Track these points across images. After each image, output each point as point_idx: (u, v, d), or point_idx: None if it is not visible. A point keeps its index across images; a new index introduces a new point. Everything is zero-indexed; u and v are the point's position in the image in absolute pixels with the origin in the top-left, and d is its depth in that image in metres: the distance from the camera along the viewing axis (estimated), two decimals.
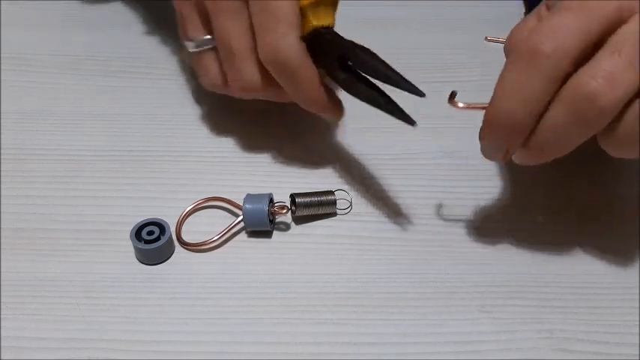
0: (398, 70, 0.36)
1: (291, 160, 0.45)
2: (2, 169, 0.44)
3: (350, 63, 0.38)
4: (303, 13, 0.39)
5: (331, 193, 0.41)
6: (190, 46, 0.42)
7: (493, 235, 0.40)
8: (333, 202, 0.41)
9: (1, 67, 0.52)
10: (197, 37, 0.42)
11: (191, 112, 0.48)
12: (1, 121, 0.47)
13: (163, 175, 0.44)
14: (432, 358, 0.35)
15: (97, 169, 0.44)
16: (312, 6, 0.39)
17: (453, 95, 0.34)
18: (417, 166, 0.44)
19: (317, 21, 0.39)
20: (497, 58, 0.35)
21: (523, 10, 0.55)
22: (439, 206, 0.42)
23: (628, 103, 0.31)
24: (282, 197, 0.41)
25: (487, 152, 0.35)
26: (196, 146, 0.46)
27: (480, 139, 0.35)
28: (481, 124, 0.34)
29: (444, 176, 0.43)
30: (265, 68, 0.40)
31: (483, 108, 0.34)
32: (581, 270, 0.39)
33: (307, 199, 0.40)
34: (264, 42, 0.39)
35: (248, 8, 0.39)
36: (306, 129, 0.45)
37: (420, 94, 0.34)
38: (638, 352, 0.35)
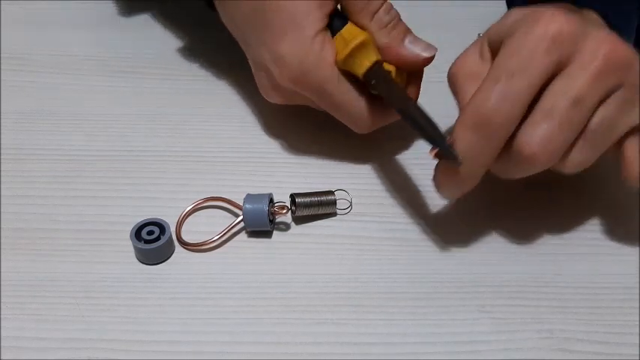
0: None
1: (291, 160, 0.45)
2: (2, 169, 0.44)
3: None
4: (345, 69, 0.40)
5: (331, 193, 0.41)
6: None
7: (493, 235, 0.40)
8: (333, 202, 0.41)
9: (1, 67, 0.52)
10: None
11: (191, 112, 0.48)
12: (1, 121, 0.47)
13: (163, 175, 0.44)
14: (431, 358, 0.35)
15: (97, 169, 0.44)
16: (346, 62, 0.39)
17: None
18: (417, 166, 0.44)
19: (360, 69, 0.39)
20: None
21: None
22: (439, 206, 0.42)
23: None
24: (282, 197, 0.41)
25: (449, 195, 0.39)
26: (196, 146, 0.46)
27: (439, 185, 0.38)
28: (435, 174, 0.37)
29: None
30: None
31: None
32: (581, 270, 0.39)
33: (307, 199, 0.40)
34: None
35: None
36: (306, 129, 0.45)
37: (456, 161, 0.35)
38: (638, 352, 0.35)
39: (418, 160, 0.44)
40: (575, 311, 0.36)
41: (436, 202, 0.42)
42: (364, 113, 0.41)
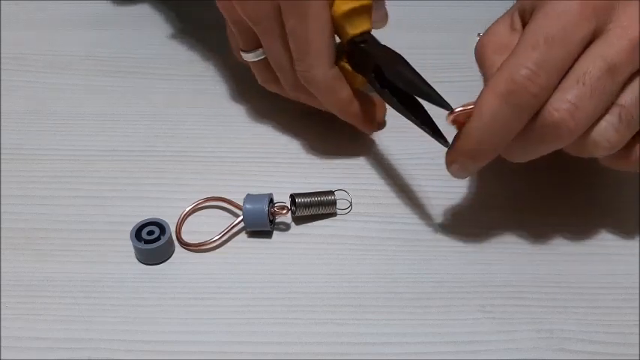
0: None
1: (291, 160, 0.45)
2: (2, 169, 0.44)
3: (385, 75, 0.38)
4: (338, 23, 0.40)
5: (331, 193, 0.41)
6: (244, 57, 0.44)
7: (493, 235, 0.40)
8: (333, 202, 0.41)
9: (1, 67, 0.52)
10: (249, 50, 0.44)
11: (191, 112, 0.48)
12: (1, 121, 0.47)
13: (163, 175, 0.44)
14: (432, 358, 0.35)
15: (97, 169, 0.44)
16: (345, 16, 0.40)
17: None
18: (418, 166, 0.44)
19: (352, 30, 0.40)
20: None
21: None
22: (439, 206, 0.42)
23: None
24: (282, 197, 0.41)
25: (461, 170, 0.37)
26: (196, 146, 0.46)
27: (452, 162, 0.37)
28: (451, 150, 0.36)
29: (444, 176, 0.43)
30: None
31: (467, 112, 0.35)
32: (581, 270, 0.39)
33: (307, 199, 0.40)
34: (297, 69, 0.41)
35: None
36: (306, 129, 0.45)
37: (448, 108, 0.35)
38: (638, 352, 0.35)
39: (418, 161, 0.44)
40: (575, 311, 0.36)
41: (436, 202, 0.42)
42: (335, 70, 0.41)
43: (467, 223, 0.41)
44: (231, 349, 0.35)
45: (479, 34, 0.42)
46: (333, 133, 0.45)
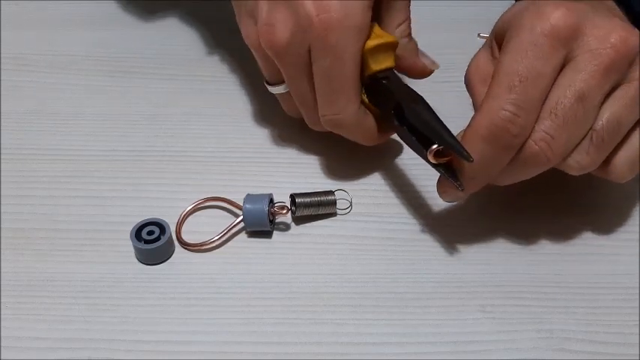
0: None
1: (291, 160, 0.45)
2: (2, 169, 0.44)
3: (405, 114, 0.38)
4: (363, 57, 0.39)
5: (331, 193, 0.41)
6: (269, 88, 0.44)
7: (493, 235, 0.40)
8: (333, 202, 0.41)
9: (1, 67, 0.52)
10: (274, 84, 0.43)
11: (191, 112, 0.48)
12: (1, 121, 0.47)
13: (163, 175, 0.44)
14: (432, 358, 0.35)
15: (97, 169, 0.44)
16: (371, 52, 0.39)
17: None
18: (417, 166, 0.44)
19: (376, 65, 0.39)
20: None
21: None
22: (439, 206, 0.42)
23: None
24: (282, 197, 0.41)
25: (452, 199, 0.40)
26: (196, 146, 0.46)
27: (443, 192, 0.38)
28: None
29: None
30: None
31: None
32: (581, 270, 0.39)
33: (307, 199, 0.40)
34: (323, 113, 0.40)
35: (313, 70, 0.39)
36: (306, 129, 0.45)
37: (467, 158, 0.35)
38: (638, 352, 0.35)
39: (418, 161, 0.44)
40: (575, 311, 0.36)
41: (436, 202, 0.42)
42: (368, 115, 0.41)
43: (467, 223, 0.41)
44: (231, 349, 0.35)
45: (479, 35, 0.42)
46: (333, 133, 0.45)
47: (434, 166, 0.37)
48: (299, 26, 0.38)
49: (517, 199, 0.42)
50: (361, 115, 0.40)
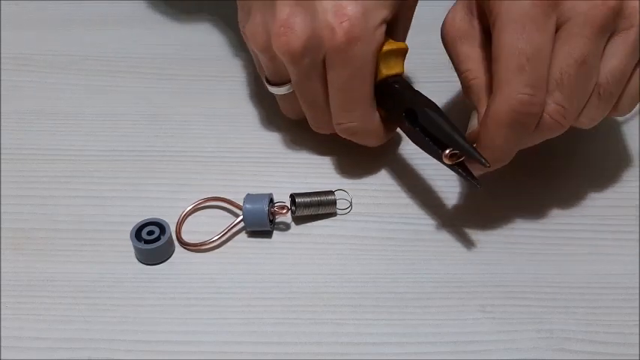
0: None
1: (291, 160, 0.45)
2: (2, 169, 0.44)
3: (418, 119, 0.38)
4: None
5: (331, 193, 0.41)
6: (270, 89, 0.43)
7: (493, 235, 0.40)
8: (333, 202, 0.41)
9: (1, 67, 0.52)
10: (277, 84, 0.42)
11: (191, 112, 0.48)
12: (1, 121, 0.47)
13: (163, 175, 0.44)
14: (432, 358, 0.35)
15: (97, 169, 0.44)
16: (383, 57, 0.39)
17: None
18: (418, 166, 0.44)
19: (387, 70, 0.40)
20: None
21: None
22: (439, 206, 0.42)
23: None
24: (282, 197, 0.41)
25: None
26: (196, 146, 0.46)
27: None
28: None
29: (444, 176, 0.43)
30: None
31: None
32: (581, 270, 0.39)
33: (307, 199, 0.40)
34: (340, 120, 0.40)
35: (326, 76, 0.39)
36: (306, 129, 0.45)
37: (482, 162, 0.35)
38: (638, 352, 0.35)
39: (418, 161, 0.44)
40: (575, 311, 0.36)
41: (436, 202, 0.42)
42: (379, 120, 0.41)
43: (467, 223, 0.41)
44: (231, 349, 0.35)
45: None
46: (333, 134, 0.45)
47: (449, 166, 0.37)
48: (318, 33, 0.37)
49: (517, 198, 0.42)
50: (377, 124, 0.41)
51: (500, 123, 0.35)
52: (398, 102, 0.39)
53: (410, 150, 0.45)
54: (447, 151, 0.36)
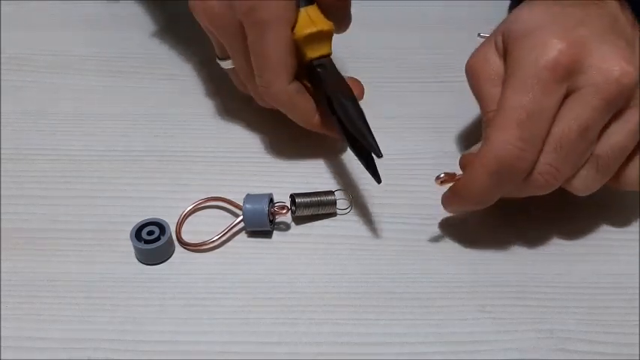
0: (410, 69, 0.36)
1: (291, 160, 0.45)
2: (2, 169, 0.44)
3: (333, 105, 0.40)
4: (297, 46, 0.40)
5: (331, 193, 0.41)
6: (219, 63, 0.45)
7: (493, 235, 0.40)
8: (333, 202, 0.41)
9: (1, 67, 0.52)
10: (222, 58, 0.45)
11: (191, 112, 0.48)
12: (1, 121, 0.47)
13: (163, 175, 0.44)
14: (432, 358, 0.35)
15: (97, 169, 0.44)
16: (305, 40, 0.40)
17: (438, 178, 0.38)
18: (417, 166, 0.44)
19: (311, 53, 0.41)
20: None
21: None
22: (439, 206, 0.42)
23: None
24: (282, 197, 0.41)
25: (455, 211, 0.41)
26: (196, 146, 0.46)
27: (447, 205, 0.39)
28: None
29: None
30: None
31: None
32: (581, 270, 0.39)
33: (307, 199, 0.40)
34: (258, 84, 0.42)
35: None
36: (306, 130, 0.45)
37: (378, 154, 0.37)
38: (638, 352, 0.35)
39: (418, 161, 0.44)
40: (575, 311, 0.37)
41: (436, 202, 0.42)
42: (299, 89, 0.42)
43: (467, 224, 0.41)
44: (231, 349, 0.35)
45: (479, 35, 0.42)
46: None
47: (357, 155, 0.40)
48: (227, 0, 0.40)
49: (517, 199, 0.42)
50: (291, 93, 0.41)
51: (484, 167, 0.35)
52: (320, 88, 0.41)
53: (410, 150, 0.45)
54: (442, 175, 0.37)
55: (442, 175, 0.37)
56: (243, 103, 0.49)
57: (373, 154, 0.38)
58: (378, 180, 0.39)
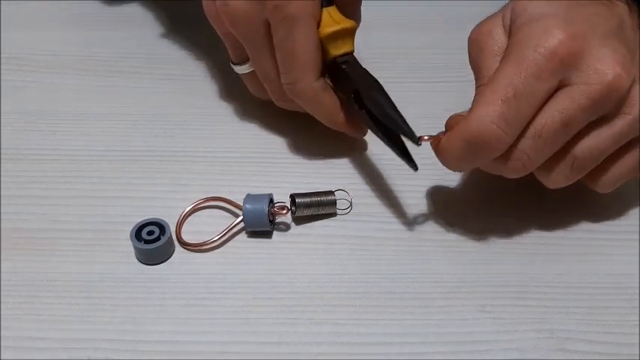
0: (408, 71, 0.36)
1: (291, 160, 0.45)
2: (2, 169, 0.44)
3: (363, 100, 0.40)
4: (322, 43, 0.41)
5: (331, 193, 0.41)
6: (234, 69, 0.46)
7: (493, 235, 0.40)
8: (333, 202, 0.41)
9: (1, 67, 0.52)
10: (238, 63, 0.45)
11: (191, 112, 0.48)
12: (1, 121, 0.47)
13: (163, 175, 0.44)
14: (431, 358, 0.35)
15: (97, 169, 0.44)
16: (329, 38, 0.41)
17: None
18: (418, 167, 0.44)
19: (335, 50, 0.41)
20: None
21: None
22: (439, 206, 0.42)
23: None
24: (282, 197, 0.41)
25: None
26: (196, 146, 0.46)
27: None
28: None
29: (444, 177, 0.43)
30: None
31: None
32: (581, 270, 0.39)
33: (307, 200, 0.40)
34: (284, 82, 0.42)
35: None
36: (306, 129, 0.45)
37: (416, 141, 0.37)
38: (638, 352, 0.35)
39: (418, 161, 0.44)
40: (575, 311, 0.36)
41: (436, 202, 0.42)
42: (323, 84, 0.42)
43: (467, 224, 0.41)
44: (231, 349, 0.35)
45: None
46: (333, 133, 0.45)
47: (391, 146, 0.39)
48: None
49: (517, 199, 0.42)
50: (318, 89, 0.42)
51: (462, 136, 0.35)
52: (346, 84, 0.41)
53: (411, 150, 0.45)
54: (426, 137, 0.37)
55: (426, 137, 0.37)
56: (243, 103, 0.49)
57: (411, 141, 0.37)
58: (415, 167, 0.38)
